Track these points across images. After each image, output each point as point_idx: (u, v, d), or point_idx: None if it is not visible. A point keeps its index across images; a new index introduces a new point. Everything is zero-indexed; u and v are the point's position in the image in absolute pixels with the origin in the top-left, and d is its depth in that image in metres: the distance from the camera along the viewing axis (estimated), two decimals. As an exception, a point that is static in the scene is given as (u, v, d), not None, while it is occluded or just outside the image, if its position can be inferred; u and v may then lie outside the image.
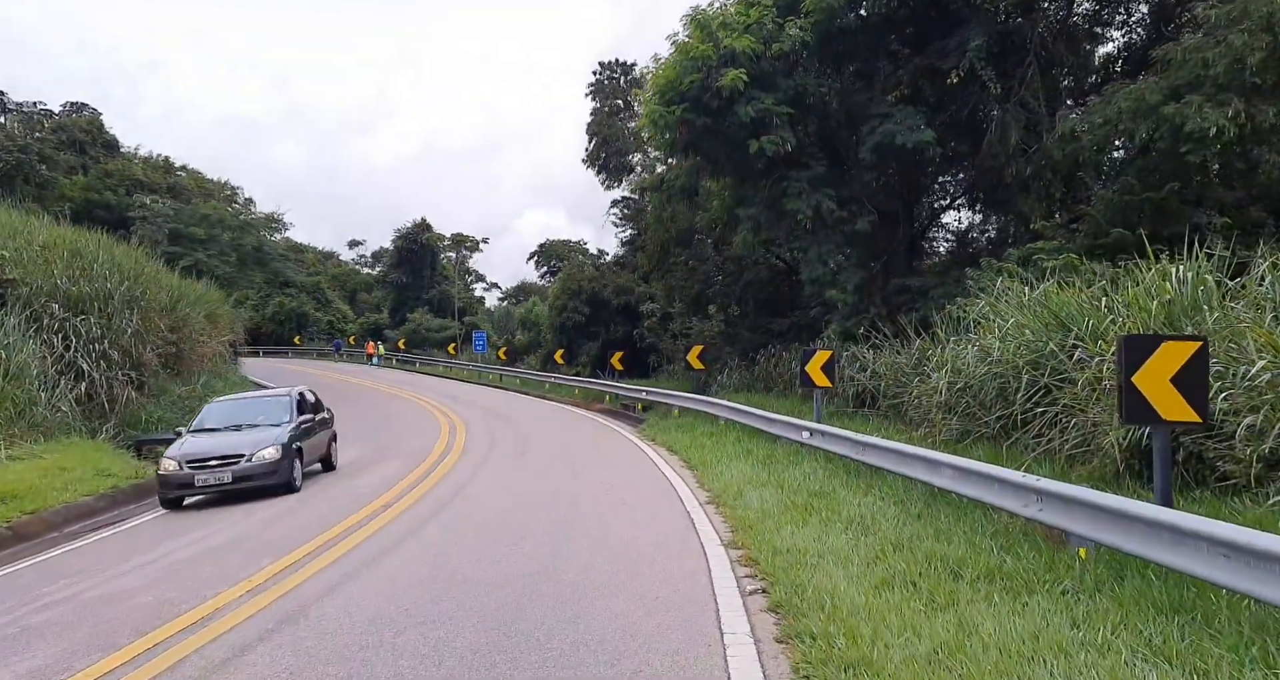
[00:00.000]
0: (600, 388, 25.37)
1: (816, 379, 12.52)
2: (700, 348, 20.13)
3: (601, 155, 33.52)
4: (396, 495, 9.77)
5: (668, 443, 14.22)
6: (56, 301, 17.15)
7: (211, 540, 8.25)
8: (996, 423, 9.89)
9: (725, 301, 25.63)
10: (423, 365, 45.93)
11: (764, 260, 24.27)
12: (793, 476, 9.33)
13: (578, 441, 15.17)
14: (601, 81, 34.25)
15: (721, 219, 19.70)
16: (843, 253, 17.28)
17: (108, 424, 16.83)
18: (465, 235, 67.24)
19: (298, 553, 7.08)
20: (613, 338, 33.04)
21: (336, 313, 66.20)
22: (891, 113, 15.81)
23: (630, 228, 34.05)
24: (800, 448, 11.48)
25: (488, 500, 9.20)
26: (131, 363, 18.63)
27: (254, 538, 8.15)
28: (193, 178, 46.53)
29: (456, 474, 11.41)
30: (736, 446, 12.41)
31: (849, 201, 17.27)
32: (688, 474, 10.88)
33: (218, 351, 27.00)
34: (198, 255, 35.48)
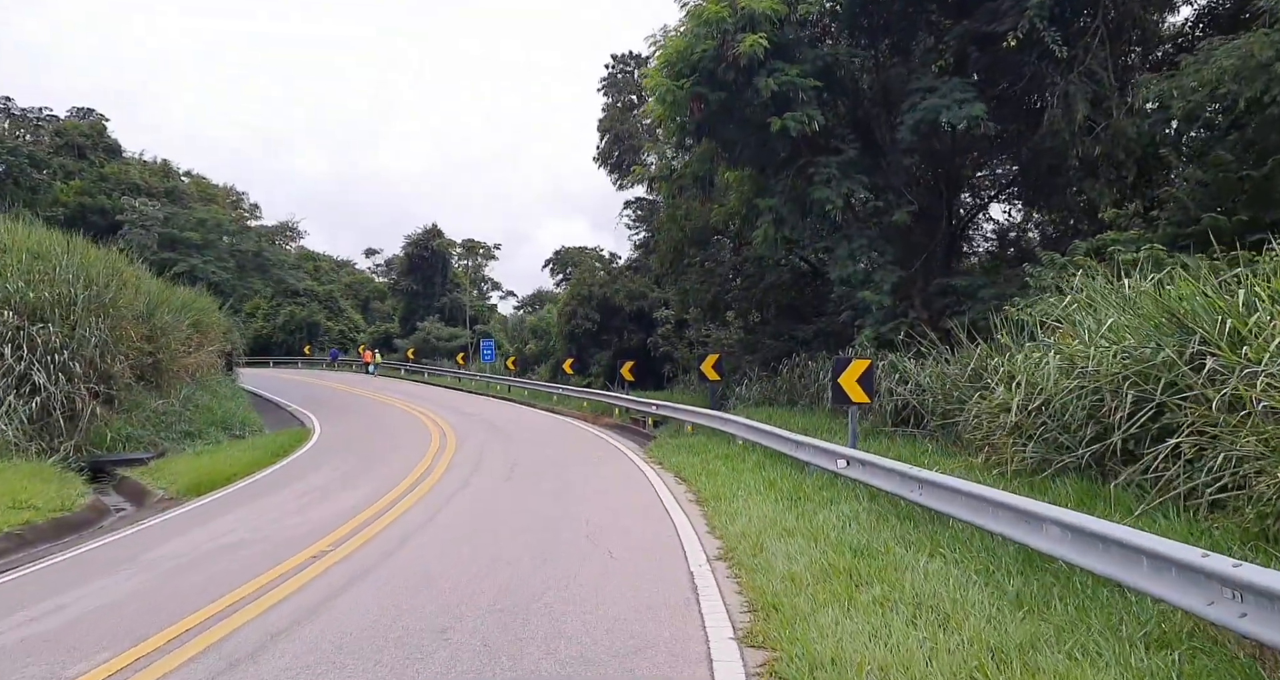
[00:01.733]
0: (608, 400, 23.37)
1: (852, 393, 10.43)
2: (716, 356, 18.09)
3: (614, 153, 31.66)
4: (334, 542, 7.82)
5: (676, 466, 12.18)
6: (10, 308, 15.53)
7: (67, 612, 6.33)
8: (1087, 451, 7.76)
9: (744, 307, 23.58)
10: (431, 375, 44.26)
11: (786, 261, 22.19)
12: (828, 521, 7.25)
13: (574, 464, 13.18)
14: (614, 75, 32.43)
15: (739, 213, 17.67)
16: (876, 249, 15.17)
17: (67, 443, 15.14)
18: (477, 241, 65.72)
19: (145, 646, 5.10)
20: (625, 346, 31.07)
21: (348, 322, 64.91)
22: (936, 86, 13.72)
23: (643, 229, 32.11)
24: (834, 478, 9.39)
25: (436, 553, 7.22)
26: (98, 375, 16.93)
27: (122, 608, 6.20)
28: (196, 183, 45.32)
29: (419, 510, 9.44)
30: (756, 474, 10.34)
31: (884, 190, 15.20)
32: (695, 511, 8.83)
33: (208, 362, 25.29)
34: (193, 261, 34.05)
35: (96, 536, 9.39)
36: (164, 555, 7.68)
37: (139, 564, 7.33)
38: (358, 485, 11.59)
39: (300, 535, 8.22)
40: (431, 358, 50.95)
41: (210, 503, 11.00)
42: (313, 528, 8.54)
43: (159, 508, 11.64)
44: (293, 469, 14.09)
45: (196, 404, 21.00)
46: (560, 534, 7.73)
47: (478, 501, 9.67)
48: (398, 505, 9.68)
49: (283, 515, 9.53)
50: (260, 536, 8.31)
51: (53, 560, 7.94)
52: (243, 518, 9.50)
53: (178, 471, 13.65)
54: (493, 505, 9.38)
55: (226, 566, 7.01)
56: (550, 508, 9.13)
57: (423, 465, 13.51)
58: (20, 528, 9.55)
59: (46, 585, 6.74)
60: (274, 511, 9.84)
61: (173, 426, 18.74)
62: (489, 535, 7.75)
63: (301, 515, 9.41)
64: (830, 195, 14.32)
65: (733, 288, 23.63)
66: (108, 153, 42.08)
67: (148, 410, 18.44)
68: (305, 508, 9.96)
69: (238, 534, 8.48)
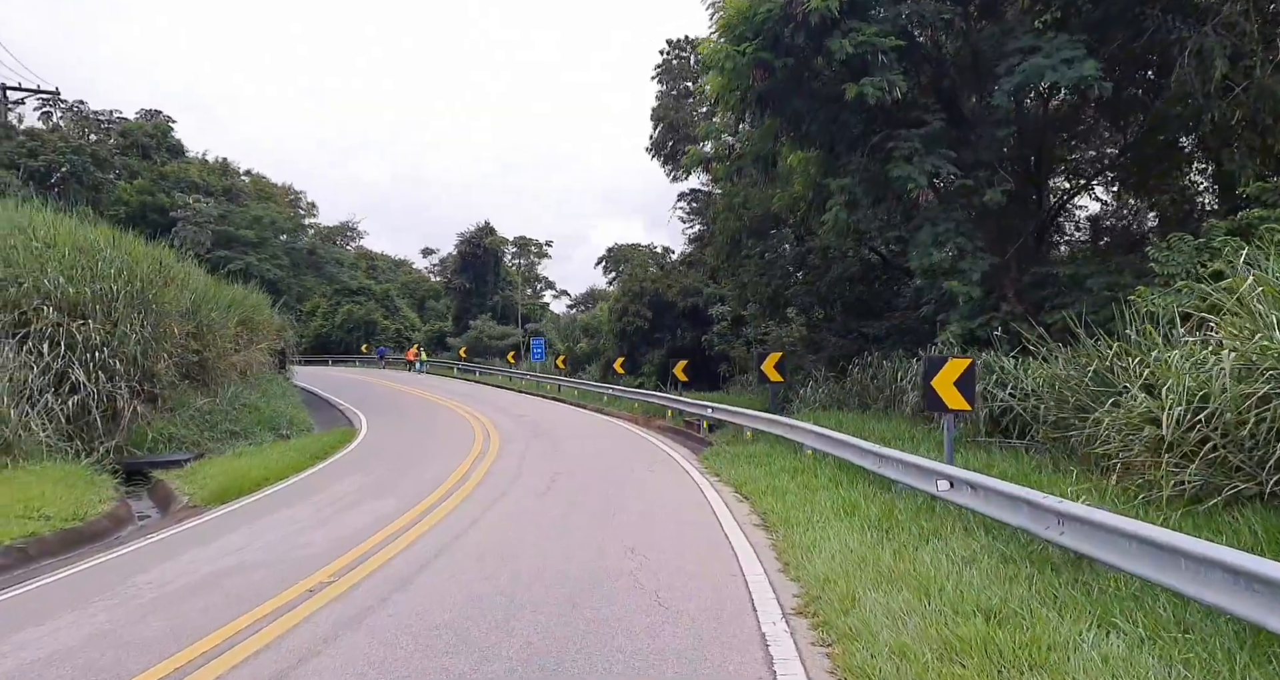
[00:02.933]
0: (660, 402, 21.95)
1: (948, 398, 8.77)
2: (778, 355, 16.49)
3: (668, 143, 30.20)
4: (337, 571, 6.58)
5: (736, 480, 10.68)
6: (51, 304, 15.00)
7: (43, 644, 5.22)
8: (1273, 476, 6.01)
9: (807, 302, 21.82)
10: (483, 374, 43.65)
11: (854, 252, 20.42)
12: (936, 563, 5.67)
13: (621, 475, 11.81)
14: (669, 61, 30.95)
15: (804, 198, 16.01)
16: (964, 234, 13.36)
17: (107, 443, 14.53)
18: (529, 238, 65.08)
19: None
20: (678, 345, 29.59)
21: (404, 320, 65.09)
22: (1038, 45, 11.85)
23: (698, 222, 30.56)
24: (931, 502, 7.78)
25: (448, 593, 5.90)
26: (141, 373, 16.34)
27: (61, 665, 5.05)
28: (255, 181, 45.64)
29: (442, 531, 8.19)
30: (832, 494, 8.77)
31: (974, 167, 13.38)
32: (762, 540, 7.33)
33: (259, 360, 24.77)
34: (248, 259, 33.96)
35: (101, 552, 8.40)
36: (151, 582, 6.56)
37: (117, 594, 6.20)
38: (386, 495, 10.45)
39: (304, 558, 7.03)
40: (484, 356, 50.38)
41: (229, 513, 9.99)
42: (320, 550, 7.36)
43: (179, 517, 10.72)
44: (327, 474, 13.10)
45: (244, 403, 20.39)
46: (599, 568, 6.33)
47: (509, 521, 8.36)
48: (421, 522, 8.45)
49: (296, 532, 8.39)
50: (261, 559, 7.14)
51: (35, 583, 6.91)
52: (254, 533, 8.39)
53: (209, 476, 12.78)
54: (525, 527, 8.05)
55: (208, 601, 5.82)
56: (590, 532, 7.75)
57: (460, 472, 12.35)
58: (24, 540, 8.61)
59: (36, 607, 5.66)
60: (288, 527, 8.71)
61: (218, 426, 18.09)
62: (514, 569, 6.40)
63: (315, 533, 8.25)
64: (912, 173, 12.59)
65: (795, 282, 21.93)
66: (171, 153, 42.64)
67: (192, 409, 17.84)
68: (323, 522, 8.82)
69: (239, 556, 7.33)
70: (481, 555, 6.88)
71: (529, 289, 75.93)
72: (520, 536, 7.58)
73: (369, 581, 6.15)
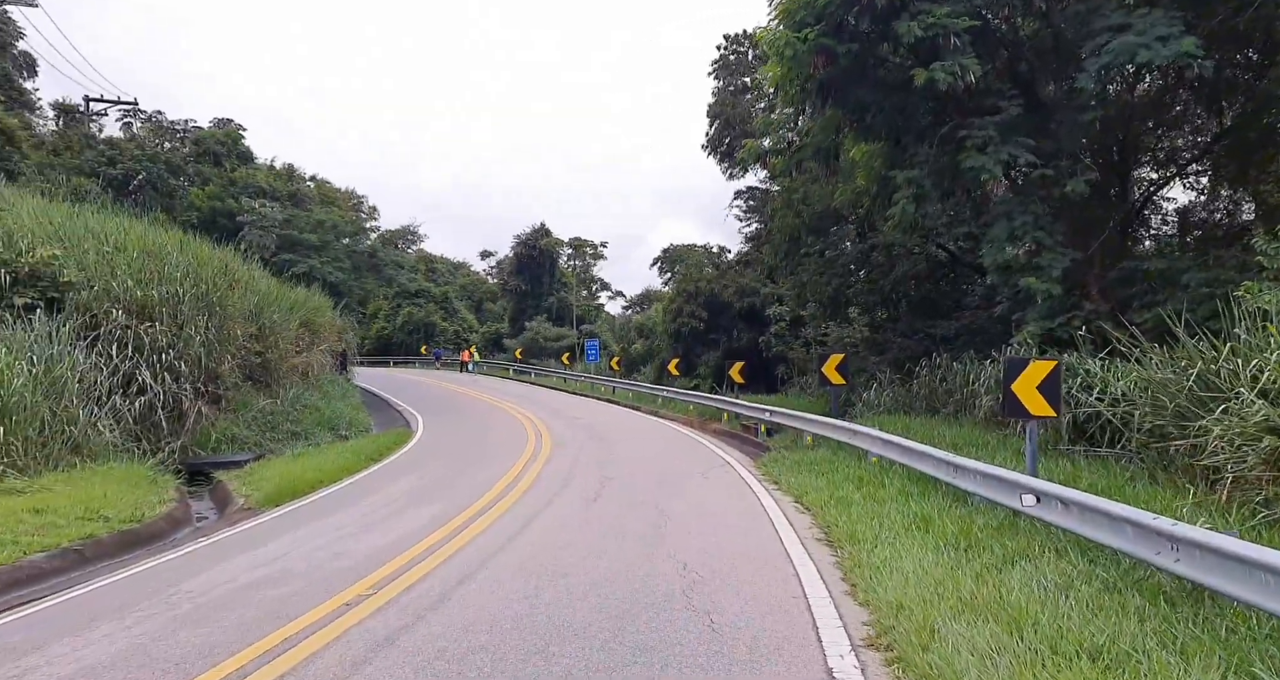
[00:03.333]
0: (716, 405, 21.39)
1: (1030, 404, 8.04)
2: (840, 357, 15.78)
3: (724, 140, 29.59)
4: (374, 584, 6.29)
5: (796, 489, 10.10)
6: (120, 307, 15.37)
7: (71, 660, 5.07)
8: None
9: (870, 302, 20.98)
10: (538, 376, 43.77)
11: (920, 249, 19.52)
12: (1026, 591, 5.03)
13: (674, 482, 11.35)
14: (726, 57, 30.35)
15: (868, 192, 15.27)
16: (1043, 227, 12.47)
17: (173, 443, 14.82)
18: (584, 239, 65.10)
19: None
20: (734, 346, 28.96)
21: (462, 322, 65.97)
22: (1128, 23, 10.94)
23: (755, 220, 29.85)
24: (1014, 518, 7.09)
25: (483, 614, 5.53)
26: (205, 374, 16.66)
27: (125, 663, 4.86)
28: (319, 186, 46.73)
29: (485, 542, 7.87)
30: (902, 506, 8.13)
31: (1053, 156, 12.48)
32: (826, 557, 6.77)
33: (320, 362, 25.16)
34: (311, 262, 34.67)
35: (152, 556, 8.35)
36: (191, 591, 6.39)
37: (156, 604, 6.04)
38: (434, 500, 10.23)
39: (345, 569, 6.78)
40: (539, 358, 50.60)
41: (280, 517, 9.91)
42: (361, 559, 7.11)
43: (233, 519, 10.72)
44: (380, 476, 13.02)
45: (305, 404, 20.68)
46: (648, 588, 5.88)
47: (555, 533, 7.99)
48: (465, 531, 8.15)
49: (340, 538, 8.19)
50: (302, 569, 6.92)
51: (82, 589, 6.83)
52: (300, 539, 8.23)
53: (266, 477, 12.83)
54: (571, 539, 7.67)
55: (243, 615, 5.57)
56: (640, 545, 7.31)
57: (509, 476, 12.09)
58: (81, 542, 8.61)
59: (35, 634, 5.53)
60: (334, 532, 8.51)
61: (279, 427, 18.33)
62: (558, 587, 6.00)
63: (358, 540, 8.03)
64: (986, 163, 11.79)
65: (856, 281, 21.10)
66: (240, 160, 43.96)
67: (254, 410, 18.12)
68: (368, 528, 8.61)
69: (281, 564, 7.13)
70: (524, 569, 6.51)
71: (585, 290, 76.12)
72: (566, 549, 7.19)
73: (406, 596, 5.84)
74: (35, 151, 30.53)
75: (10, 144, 29.68)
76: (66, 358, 13.36)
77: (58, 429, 12.32)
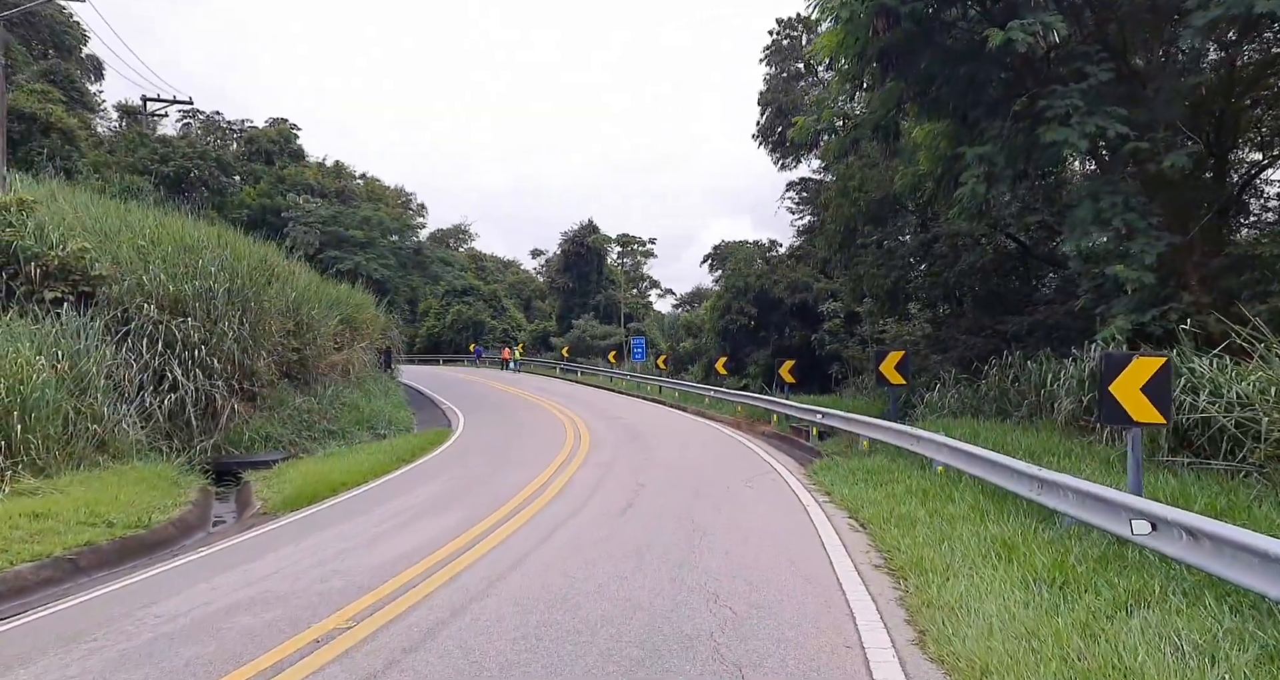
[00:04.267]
0: (765, 405, 20.24)
1: (1134, 409, 6.77)
2: (900, 354, 14.49)
3: (776, 128, 28.32)
4: (361, 611, 5.47)
5: (850, 502, 8.97)
6: (153, 302, 15.07)
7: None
8: None
9: (931, 296, 19.55)
10: (585, 374, 43.11)
11: (988, 238, 18.04)
12: (1157, 655, 3.88)
13: (714, 491, 10.34)
14: (779, 42, 29.04)
15: (932, 175, 13.95)
16: (1134, 208, 11.03)
17: (205, 441, 14.47)
18: (631, 236, 64.25)
19: None
20: (785, 344, 27.69)
21: (510, 321, 65.88)
22: (1240, -32, 9.45)
23: (808, 212, 28.50)
24: (1119, 546, 5.88)
25: (485, 648, 4.63)
26: (241, 372, 16.30)
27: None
28: (369, 184, 46.98)
29: (497, 558, 7.01)
30: (976, 526, 6.96)
31: (1148, 128, 11.03)
32: (887, 591, 5.67)
33: (361, 359, 24.78)
34: (356, 258, 34.62)
35: (150, 566, 7.71)
36: (160, 616, 5.63)
37: (111, 633, 5.29)
38: (453, 508, 9.44)
39: (330, 593, 5.96)
40: (586, 356, 49.98)
41: (290, 524, 9.24)
42: (352, 581, 6.29)
43: (247, 524, 10.13)
44: (407, 479, 12.33)
45: (343, 402, 20.26)
46: (671, 626, 4.89)
47: (574, 551, 7.05)
48: (476, 547, 7.30)
49: (340, 553, 7.41)
50: (284, 591, 6.12)
51: (54, 608, 6.18)
52: (298, 553, 7.48)
53: (290, 479, 12.27)
54: (590, 560, 6.72)
55: (199, 651, 4.78)
56: (667, 570, 6.32)
57: (538, 482, 11.25)
58: (77, 550, 8.00)
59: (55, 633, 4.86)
60: (335, 545, 7.75)
61: (315, 425, 17.90)
62: (564, 626, 5.05)
63: (357, 556, 7.24)
64: (1069, 136, 10.43)
65: (917, 275, 19.69)
66: (292, 158, 44.46)
67: (290, 408, 17.69)
68: (374, 541, 7.83)
69: (266, 585, 6.34)
70: (529, 599, 5.59)
71: (634, 288, 75.32)
72: (581, 574, 6.24)
73: (386, 633, 4.97)
74: (93, 150, 31.12)
75: (70, 143, 30.31)
76: (94, 353, 13.04)
77: (81, 427, 11.93)
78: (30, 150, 28.72)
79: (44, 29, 36.79)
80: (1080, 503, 6.32)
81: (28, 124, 29.08)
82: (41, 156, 28.57)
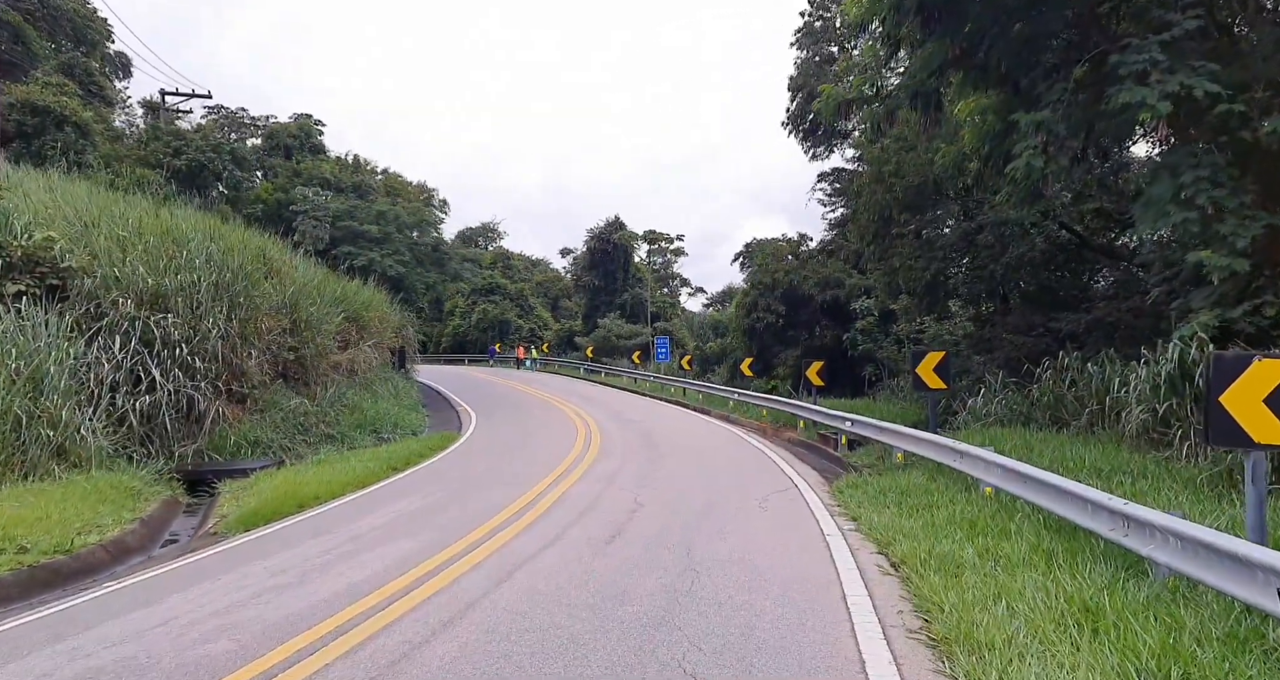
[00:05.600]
0: (791, 410, 18.69)
1: (1254, 427, 5.19)
2: (939, 355, 12.88)
3: (807, 116, 26.67)
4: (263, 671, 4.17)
5: (880, 532, 7.44)
6: (130, 296, 14.05)
7: None
8: None
9: (974, 291, 17.81)
10: (608, 375, 41.78)
11: (1039, 229, 16.28)
12: None
13: (724, 508, 8.90)
14: (810, 24, 27.38)
15: (978, 153, 12.31)
16: (1221, 183, 9.32)
17: (188, 447, 13.39)
18: (659, 232, 62.78)
19: None
20: (816, 344, 26.06)
21: (537, 320, 64.88)
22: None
23: (840, 205, 26.79)
24: (1249, 616, 4.31)
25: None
26: (229, 372, 15.20)
27: None
28: (390, 179, 46.20)
29: (443, 603, 5.68)
30: (1042, 578, 5.40)
31: (1242, 88, 9.30)
32: (927, 672, 4.19)
33: (370, 359, 23.67)
34: (371, 254, 33.71)
35: (45, 605, 6.38)
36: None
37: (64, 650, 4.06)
38: (418, 532, 8.14)
39: (211, 660, 4.62)
40: (611, 356, 48.63)
41: (227, 551, 7.93)
42: (248, 640, 4.94)
43: (190, 547, 8.91)
44: (386, 492, 11.08)
45: (346, 404, 19.17)
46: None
47: (530, 602, 5.62)
48: (417, 590, 5.96)
49: (254, 595, 6.10)
50: (150, 658, 4.73)
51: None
52: (208, 594, 6.16)
53: (261, 490, 11.06)
54: (552, 610, 5.34)
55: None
56: (641, 630, 4.89)
57: (527, 497, 9.94)
58: None
59: None
60: (257, 584, 6.42)
61: (312, 429, 16.75)
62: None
63: (269, 601, 5.91)
64: (1147, 97, 8.77)
65: (958, 269, 17.98)
66: (313, 153, 43.84)
67: (284, 411, 16.52)
68: (300, 580, 6.50)
69: (134, 647, 4.90)
70: (466, 670, 4.23)
71: (664, 287, 73.75)
72: (527, 639, 4.84)
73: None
74: (108, 144, 30.65)
75: (84, 137, 29.85)
76: (54, 351, 12.00)
77: (35, 432, 10.86)
78: (44, 144, 28.29)
79: (66, 24, 36.56)
80: (1189, 553, 4.76)
81: (42, 117, 28.67)
82: (55, 150, 28.13)
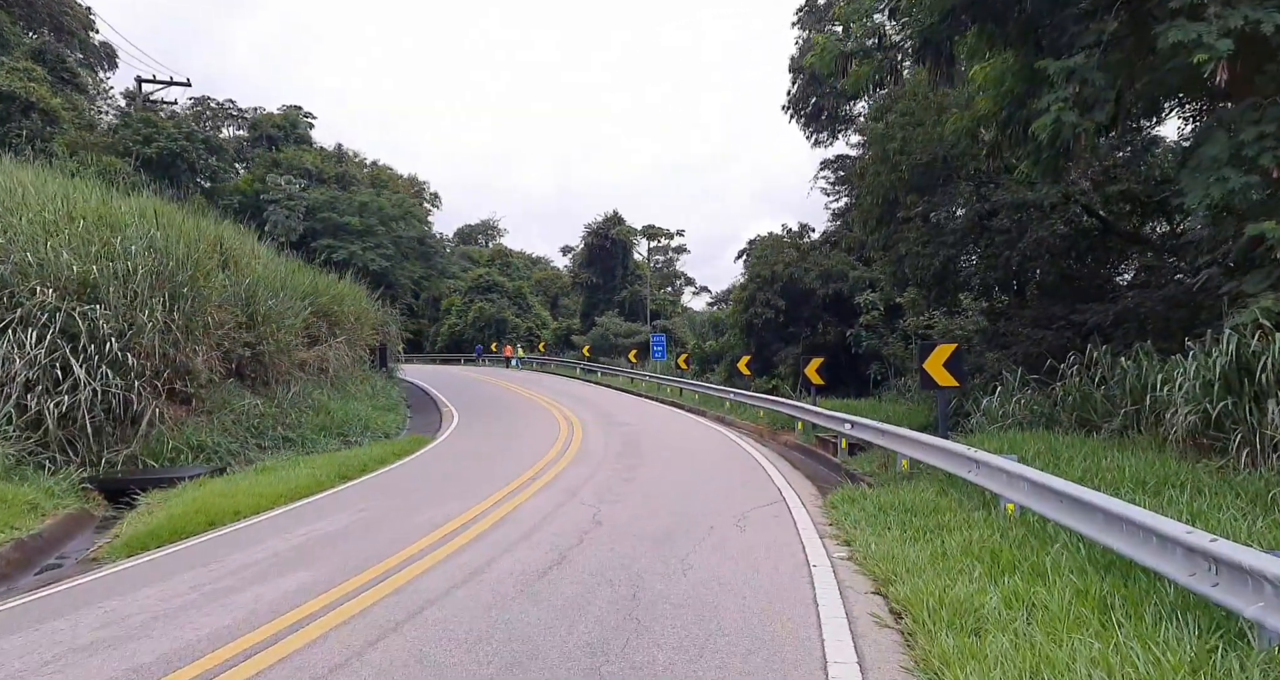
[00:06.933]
0: (787, 411, 17.23)
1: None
2: (950, 348, 11.40)
3: (810, 99, 25.18)
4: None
5: (879, 565, 5.95)
6: (50, 285, 12.66)
7: None
8: None
9: (987, 281, 16.30)
10: (604, 374, 40.35)
11: (1060, 210, 14.78)
12: None
13: (694, 528, 7.47)
14: (814, 1, 25.85)
15: (995, 116, 10.80)
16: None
17: (120, 452, 11.98)
18: (658, 227, 61.27)
19: None
20: (818, 341, 24.54)
21: (535, 319, 63.48)
22: None
23: (843, 194, 25.28)
24: None
25: None
26: (171, 369, 13.76)
27: None
28: (378, 171, 44.96)
29: (306, 660, 4.27)
30: (1098, 645, 3.93)
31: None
32: None
33: (339, 356, 22.16)
34: (352, 248, 32.34)
35: None
36: None
37: None
38: (319, 561, 6.74)
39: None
40: (609, 355, 47.18)
41: (85, 585, 6.47)
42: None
43: (57, 577, 7.45)
44: (320, 506, 9.67)
45: (310, 405, 17.76)
46: None
47: (409, 667, 4.23)
48: (270, 648, 4.55)
49: (69, 653, 4.73)
50: None
51: None
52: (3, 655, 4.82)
53: (173, 505, 9.62)
54: (456, 646, 3.91)
55: None
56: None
57: (471, 513, 8.57)
58: None
59: None
60: (86, 636, 5.01)
61: (268, 432, 15.27)
62: None
63: (82, 664, 4.54)
64: (1204, 34, 7.28)
65: (971, 256, 16.46)
66: (298, 144, 42.54)
67: (236, 412, 15.07)
68: (148, 627, 5.13)
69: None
70: None
71: (668, 287, 72.24)
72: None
73: None
74: (76, 132, 29.41)
75: (52, 124, 28.61)
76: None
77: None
78: (9, 131, 27.05)
79: (42, 10, 35.39)
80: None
81: (6, 103, 27.43)
82: (21, 138, 26.88)
